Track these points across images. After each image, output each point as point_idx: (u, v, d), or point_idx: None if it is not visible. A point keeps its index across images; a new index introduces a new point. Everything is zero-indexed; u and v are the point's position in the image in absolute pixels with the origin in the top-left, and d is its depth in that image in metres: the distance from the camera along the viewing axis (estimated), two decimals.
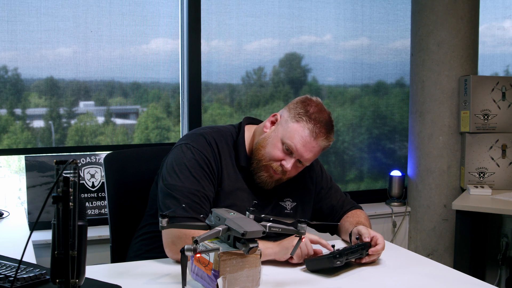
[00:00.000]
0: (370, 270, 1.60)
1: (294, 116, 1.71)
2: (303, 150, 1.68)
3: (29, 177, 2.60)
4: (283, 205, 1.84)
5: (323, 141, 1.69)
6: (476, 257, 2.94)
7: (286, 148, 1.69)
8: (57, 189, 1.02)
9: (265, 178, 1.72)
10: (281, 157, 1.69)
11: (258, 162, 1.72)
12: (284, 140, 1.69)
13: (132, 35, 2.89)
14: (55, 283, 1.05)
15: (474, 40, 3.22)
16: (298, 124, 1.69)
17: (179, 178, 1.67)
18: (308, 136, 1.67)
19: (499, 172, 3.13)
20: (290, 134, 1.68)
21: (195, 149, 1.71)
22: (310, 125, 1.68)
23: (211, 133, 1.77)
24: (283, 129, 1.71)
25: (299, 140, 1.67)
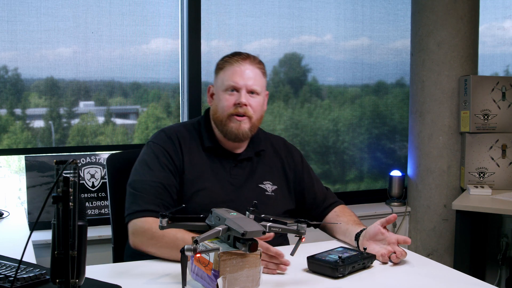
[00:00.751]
0: (370, 270, 1.60)
1: (218, 70, 1.84)
2: (240, 78, 1.77)
3: (29, 177, 2.60)
4: (263, 187, 1.86)
5: (250, 63, 1.80)
6: (476, 257, 2.94)
7: (230, 92, 1.78)
8: (57, 189, 1.02)
9: (234, 129, 1.78)
10: (232, 100, 1.78)
11: (221, 122, 1.80)
12: (223, 88, 1.80)
13: (132, 35, 2.89)
14: (55, 283, 1.05)
15: (474, 40, 3.22)
16: (223, 70, 1.81)
17: (138, 174, 1.77)
18: (235, 67, 1.79)
19: (499, 172, 3.13)
20: (223, 79, 1.80)
21: (154, 143, 1.81)
22: (231, 61, 1.81)
23: (172, 127, 1.88)
24: (218, 85, 1.82)
25: (231, 75, 1.78)
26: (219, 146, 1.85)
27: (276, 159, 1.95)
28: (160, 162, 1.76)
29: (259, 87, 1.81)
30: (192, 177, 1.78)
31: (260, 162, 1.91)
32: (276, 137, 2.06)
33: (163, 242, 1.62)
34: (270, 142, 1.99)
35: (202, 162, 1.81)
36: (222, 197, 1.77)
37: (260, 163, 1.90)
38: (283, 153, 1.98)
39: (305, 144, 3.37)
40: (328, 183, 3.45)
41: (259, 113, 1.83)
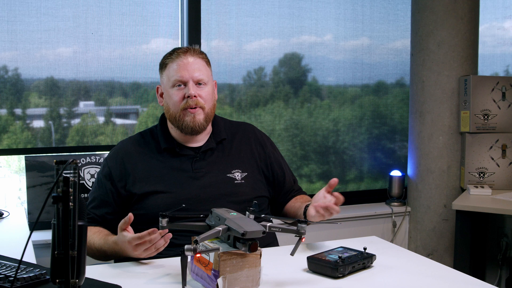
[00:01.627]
0: (370, 270, 1.60)
1: (162, 68, 1.87)
2: (185, 71, 1.79)
3: (29, 177, 2.60)
4: (232, 176, 1.86)
5: (192, 54, 1.82)
6: (476, 257, 2.94)
7: (177, 86, 1.81)
8: (57, 189, 1.02)
9: (189, 121, 1.80)
10: (181, 94, 1.81)
11: (175, 118, 1.82)
12: (170, 84, 1.82)
13: (132, 35, 2.89)
14: (55, 283, 1.05)
15: (474, 40, 3.22)
16: (167, 67, 1.84)
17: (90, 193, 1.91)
18: (178, 61, 1.81)
19: (499, 172, 3.13)
20: (169, 77, 1.83)
21: (106, 159, 1.90)
22: (171, 57, 1.84)
23: (128, 138, 1.95)
24: (164, 83, 1.85)
25: (175, 70, 1.81)
26: (178, 144, 1.87)
27: (246, 146, 1.95)
28: (101, 179, 1.86)
29: (205, 76, 1.83)
30: (148, 181, 1.81)
31: (225, 151, 1.91)
32: (245, 124, 2.07)
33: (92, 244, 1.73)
34: (237, 130, 2.00)
35: (159, 165, 1.83)
36: (182, 196, 1.78)
37: (226, 152, 1.91)
38: (253, 140, 1.98)
39: (305, 144, 3.37)
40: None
41: (210, 102, 1.85)
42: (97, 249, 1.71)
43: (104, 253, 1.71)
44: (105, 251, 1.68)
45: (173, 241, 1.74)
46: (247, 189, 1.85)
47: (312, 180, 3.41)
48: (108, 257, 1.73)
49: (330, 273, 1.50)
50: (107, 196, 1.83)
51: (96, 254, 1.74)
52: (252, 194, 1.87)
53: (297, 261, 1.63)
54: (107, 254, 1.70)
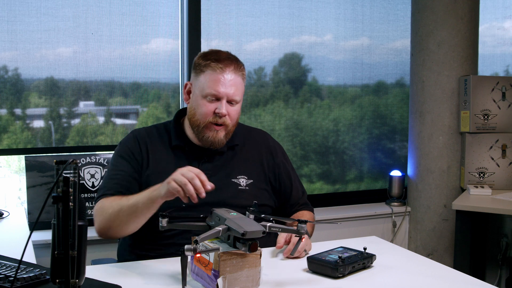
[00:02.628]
0: (370, 270, 1.60)
1: (199, 71, 1.79)
2: (223, 88, 1.74)
3: (29, 177, 2.60)
4: (236, 182, 1.85)
5: (234, 71, 1.77)
6: (476, 257, 2.94)
7: (210, 99, 1.76)
8: (57, 189, 1.02)
9: (211, 137, 1.78)
10: (212, 108, 1.77)
11: (198, 128, 1.80)
12: (204, 94, 1.77)
13: (132, 35, 2.89)
14: (55, 283, 1.05)
15: (474, 40, 3.22)
16: (204, 73, 1.77)
17: (106, 173, 1.85)
18: (218, 75, 1.75)
19: (499, 172, 3.13)
20: (204, 85, 1.76)
21: (121, 144, 1.87)
22: (213, 65, 1.76)
23: (142, 128, 1.93)
24: (197, 87, 1.79)
25: (213, 83, 1.74)
26: (188, 143, 1.86)
27: (255, 153, 1.93)
28: (123, 158, 1.82)
29: (240, 96, 1.81)
30: (157, 173, 1.79)
31: (235, 156, 1.90)
32: (259, 131, 2.05)
33: (110, 209, 1.66)
34: (250, 136, 1.98)
35: (168, 161, 1.82)
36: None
37: (234, 157, 1.90)
38: (264, 149, 1.96)
39: (305, 144, 3.37)
40: (328, 183, 3.45)
41: (235, 121, 1.84)
42: (128, 206, 1.62)
43: (134, 208, 1.61)
44: (137, 203, 1.61)
45: (173, 241, 1.74)
46: (250, 196, 1.84)
47: (312, 180, 3.42)
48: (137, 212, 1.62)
49: (330, 273, 1.50)
50: (131, 171, 1.81)
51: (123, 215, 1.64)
52: (252, 202, 1.86)
53: (297, 261, 1.63)
54: (138, 206, 1.61)
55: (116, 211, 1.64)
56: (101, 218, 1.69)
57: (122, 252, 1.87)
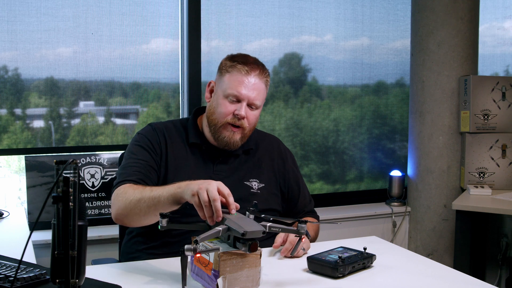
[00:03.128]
0: (370, 270, 1.60)
1: (224, 71, 1.80)
2: (245, 91, 1.75)
3: (29, 177, 2.60)
4: (249, 185, 1.86)
5: (258, 76, 1.78)
6: (476, 257, 2.94)
7: (231, 99, 1.76)
8: (57, 189, 1.02)
9: (227, 138, 1.78)
10: (231, 109, 1.77)
11: (215, 126, 1.80)
12: (225, 94, 1.77)
13: (132, 35, 2.88)
14: (55, 283, 1.05)
15: (474, 40, 3.22)
16: (230, 74, 1.78)
17: (123, 163, 1.81)
18: (242, 77, 1.75)
19: (499, 172, 3.13)
20: (228, 85, 1.77)
21: (140, 134, 1.86)
22: (239, 67, 1.77)
23: (160, 122, 1.92)
24: (220, 87, 1.80)
25: (237, 84, 1.75)
26: (205, 142, 1.86)
27: (267, 159, 1.95)
28: (143, 148, 1.80)
29: (260, 101, 1.81)
30: (173, 169, 1.79)
31: (249, 160, 1.91)
32: (272, 137, 2.06)
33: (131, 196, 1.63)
34: (264, 141, 1.99)
35: (185, 157, 1.83)
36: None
37: (248, 161, 1.90)
38: (276, 155, 1.98)
39: (305, 144, 3.37)
40: (328, 183, 3.45)
41: (253, 126, 1.84)
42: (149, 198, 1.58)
43: (155, 201, 1.57)
44: (159, 196, 1.56)
45: (173, 241, 1.74)
46: (261, 199, 1.84)
47: (312, 180, 3.41)
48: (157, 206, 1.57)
49: (330, 273, 1.50)
50: (152, 161, 1.78)
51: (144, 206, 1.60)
52: (264, 206, 1.85)
53: (297, 261, 1.63)
54: (160, 200, 1.56)
55: (137, 199, 1.61)
56: (121, 204, 1.65)
57: (126, 250, 1.86)
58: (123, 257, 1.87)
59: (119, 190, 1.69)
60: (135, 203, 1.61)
